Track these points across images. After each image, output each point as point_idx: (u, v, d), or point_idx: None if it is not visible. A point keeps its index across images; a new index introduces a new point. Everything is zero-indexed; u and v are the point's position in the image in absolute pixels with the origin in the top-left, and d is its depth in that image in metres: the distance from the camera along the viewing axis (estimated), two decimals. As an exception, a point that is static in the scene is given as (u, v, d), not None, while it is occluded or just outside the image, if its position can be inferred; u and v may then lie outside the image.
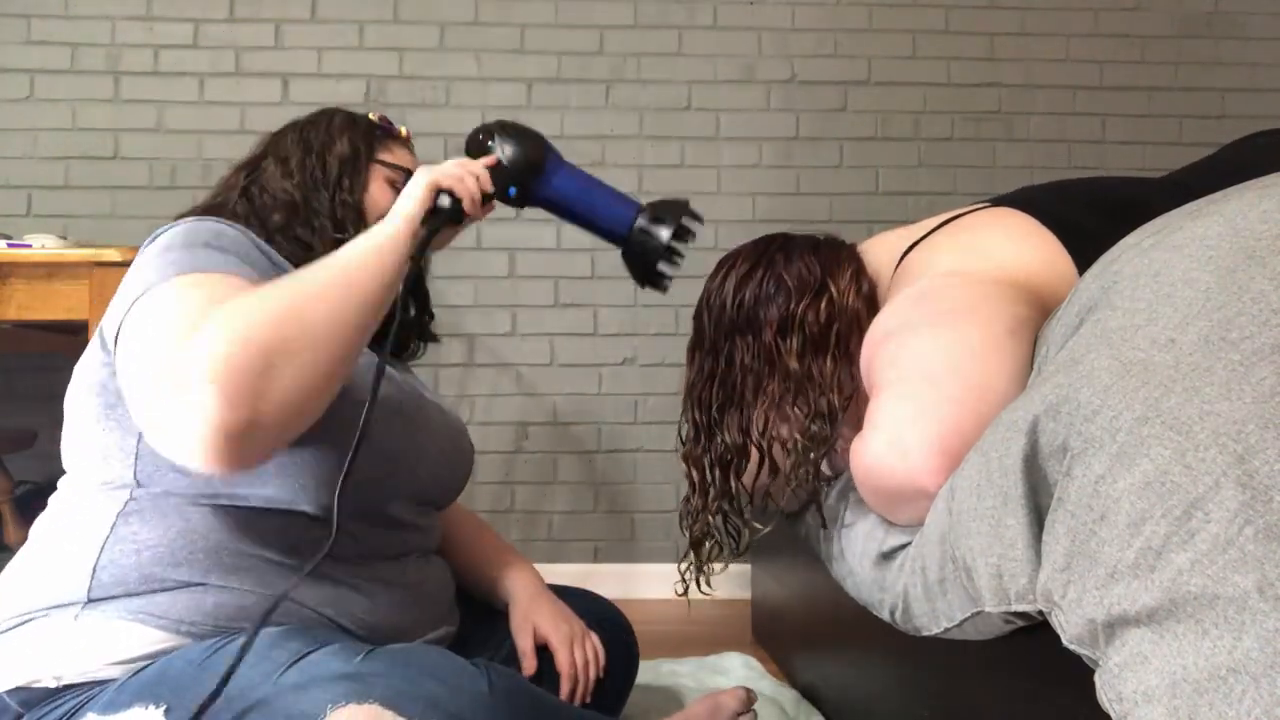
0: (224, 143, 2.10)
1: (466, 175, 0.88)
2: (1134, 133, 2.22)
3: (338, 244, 0.91)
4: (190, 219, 0.84)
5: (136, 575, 0.75)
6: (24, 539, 1.49)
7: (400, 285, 0.79)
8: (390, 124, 1.03)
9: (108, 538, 0.76)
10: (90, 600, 0.74)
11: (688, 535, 1.10)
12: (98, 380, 0.80)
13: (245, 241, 0.84)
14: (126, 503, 0.77)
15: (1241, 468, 0.45)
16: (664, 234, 0.97)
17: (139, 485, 0.78)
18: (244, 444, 0.64)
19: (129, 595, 0.74)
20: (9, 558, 0.84)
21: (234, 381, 0.62)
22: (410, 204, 0.84)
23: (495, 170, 0.93)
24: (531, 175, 0.95)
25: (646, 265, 0.99)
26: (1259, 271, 0.51)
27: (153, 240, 0.83)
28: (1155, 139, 2.22)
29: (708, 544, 1.09)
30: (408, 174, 0.99)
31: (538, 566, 1.13)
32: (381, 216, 0.96)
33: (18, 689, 0.72)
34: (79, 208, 2.07)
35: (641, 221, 0.98)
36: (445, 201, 0.87)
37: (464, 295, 2.12)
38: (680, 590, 1.11)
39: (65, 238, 1.64)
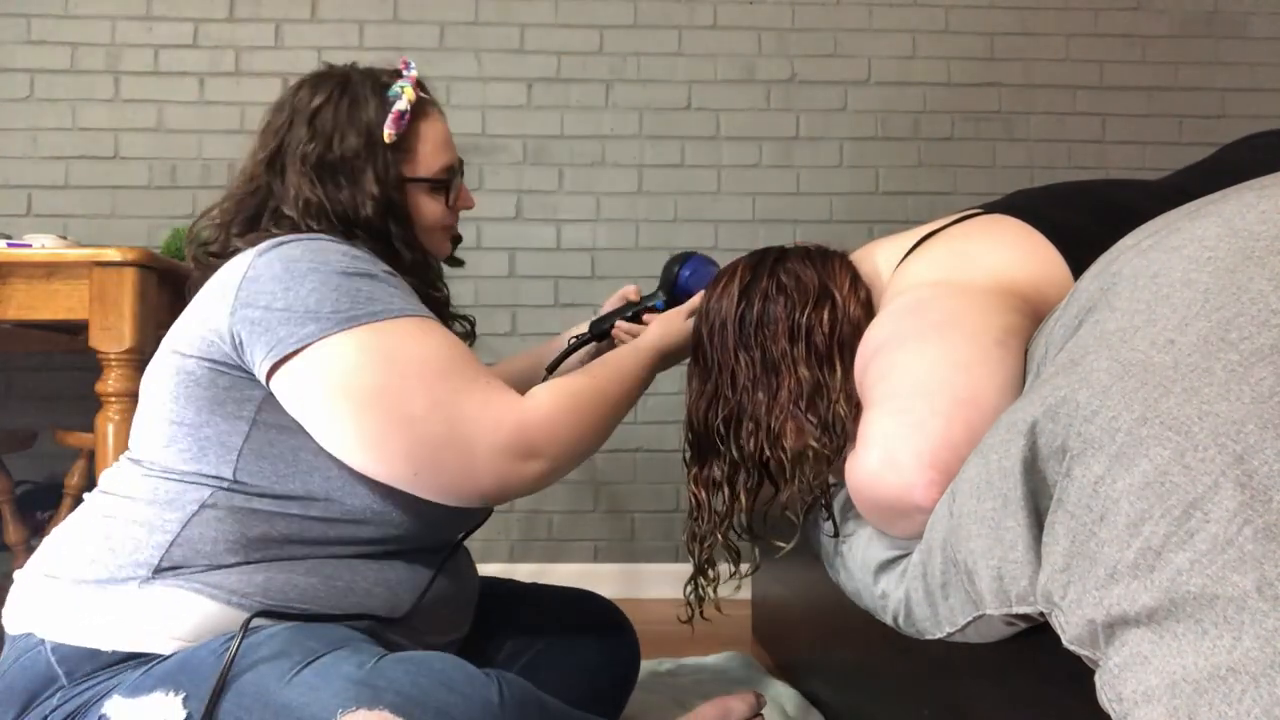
0: (224, 142, 2.10)
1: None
2: (1134, 133, 2.22)
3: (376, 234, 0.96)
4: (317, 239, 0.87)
5: (206, 557, 0.77)
6: (24, 539, 1.50)
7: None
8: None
9: (188, 522, 0.77)
10: (159, 570, 0.75)
11: (693, 560, 1.07)
12: (204, 374, 0.81)
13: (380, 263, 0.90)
14: (215, 493, 0.79)
15: (1240, 468, 0.45)
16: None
17: (235, 481, 0.79)
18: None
19: (193, 571, 0.76)
20: (9, 558, 0.85)
21: (559, 461, 0.92)
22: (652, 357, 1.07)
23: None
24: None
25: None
26: (1258, 272, 0.51)
27: (273, 248, 0.82)
28: (1155, 139, 2.22)
29: (712, 570, 1.06)
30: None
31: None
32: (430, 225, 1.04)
33: (66, 646, 0.73)
34: (79, 207, 2.08)
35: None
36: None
37: (464, 295, 2.11)
38: (684, 617, 1.07)
39: (65, 237, 1.64)
